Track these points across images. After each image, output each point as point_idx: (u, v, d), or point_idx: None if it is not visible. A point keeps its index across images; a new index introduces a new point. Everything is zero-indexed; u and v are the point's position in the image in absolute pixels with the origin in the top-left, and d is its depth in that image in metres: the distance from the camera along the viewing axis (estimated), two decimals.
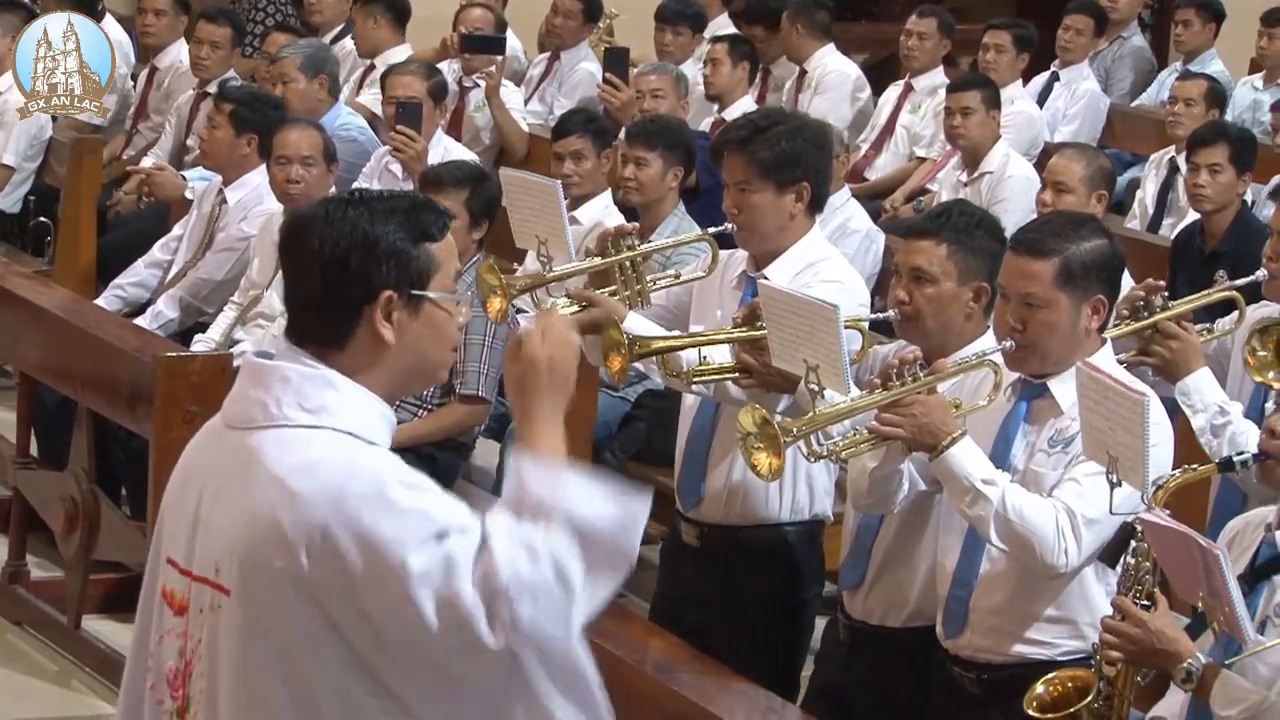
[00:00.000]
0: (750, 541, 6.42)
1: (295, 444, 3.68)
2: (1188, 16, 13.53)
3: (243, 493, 3.68)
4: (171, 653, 3.81)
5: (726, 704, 5.41)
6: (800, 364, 5.68)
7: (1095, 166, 8.55)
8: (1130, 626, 5.03)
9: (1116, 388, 5.15)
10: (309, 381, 3.73)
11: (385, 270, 3.76)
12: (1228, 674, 4.92)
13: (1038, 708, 5.16)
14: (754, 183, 6.30)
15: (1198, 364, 6.08)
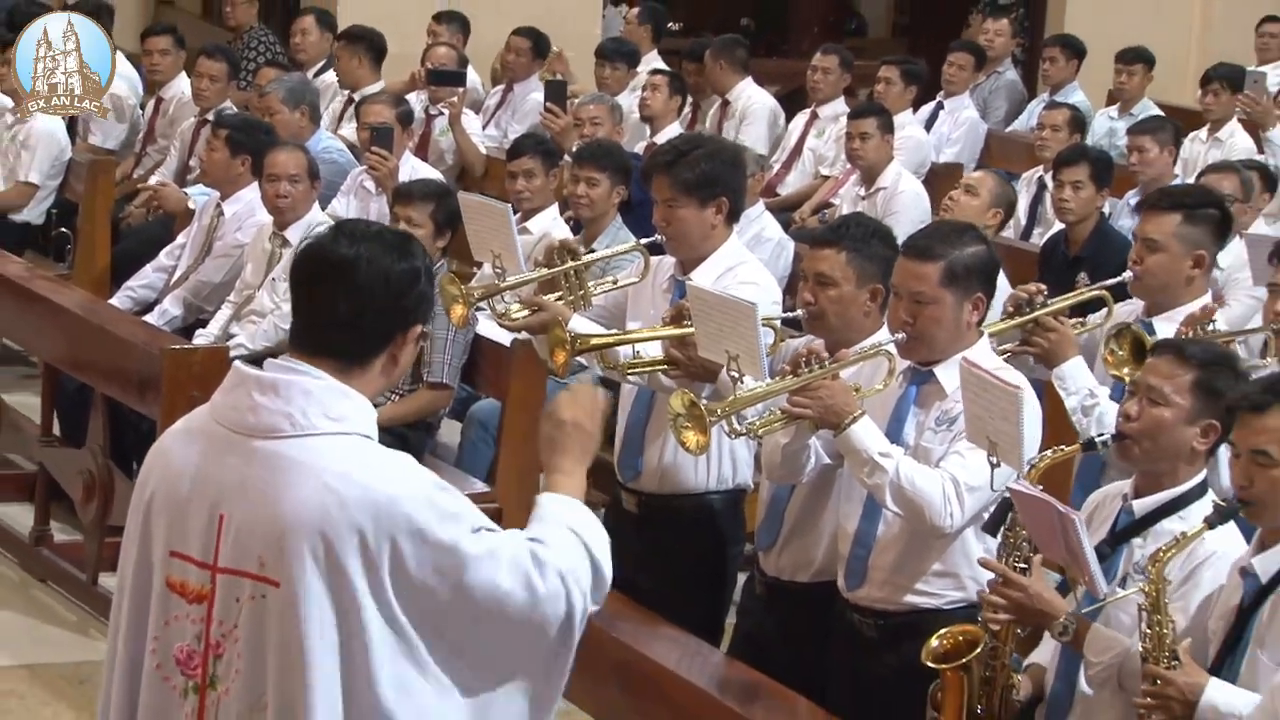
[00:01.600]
0: (681, 508, 6.43)
1: (331, 450, 3.67)
2: (1054, 54, 13.58)
3: (284, 494, 3.65)
4: (185, 636, 3.76)
5: (660, 649, 5.42)
6: (722, 354, 5.69)
7: (1004, 190, 8.59)
8: (1012, 591, 5.03)
9: (995, 383, 5.17)
10: (328, 393, 3.71)
11: (423, 308, 3.83)
12: (1098, 627, 4.94)
13: (933, 658, 5.15)
14: (679, 199, 6.31)
15: (1072, 353, 6.11)
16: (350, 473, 3.62)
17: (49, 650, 7.72)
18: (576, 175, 8.60)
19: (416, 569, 3.62)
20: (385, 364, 3.79)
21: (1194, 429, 5.00)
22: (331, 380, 3.72)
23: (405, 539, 3.61)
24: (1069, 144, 10.26)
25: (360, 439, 3.70)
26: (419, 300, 3.80)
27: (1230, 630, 4.72)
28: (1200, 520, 4.79)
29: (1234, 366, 5.19)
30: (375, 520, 3.60)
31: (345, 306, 3.75)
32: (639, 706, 5.43)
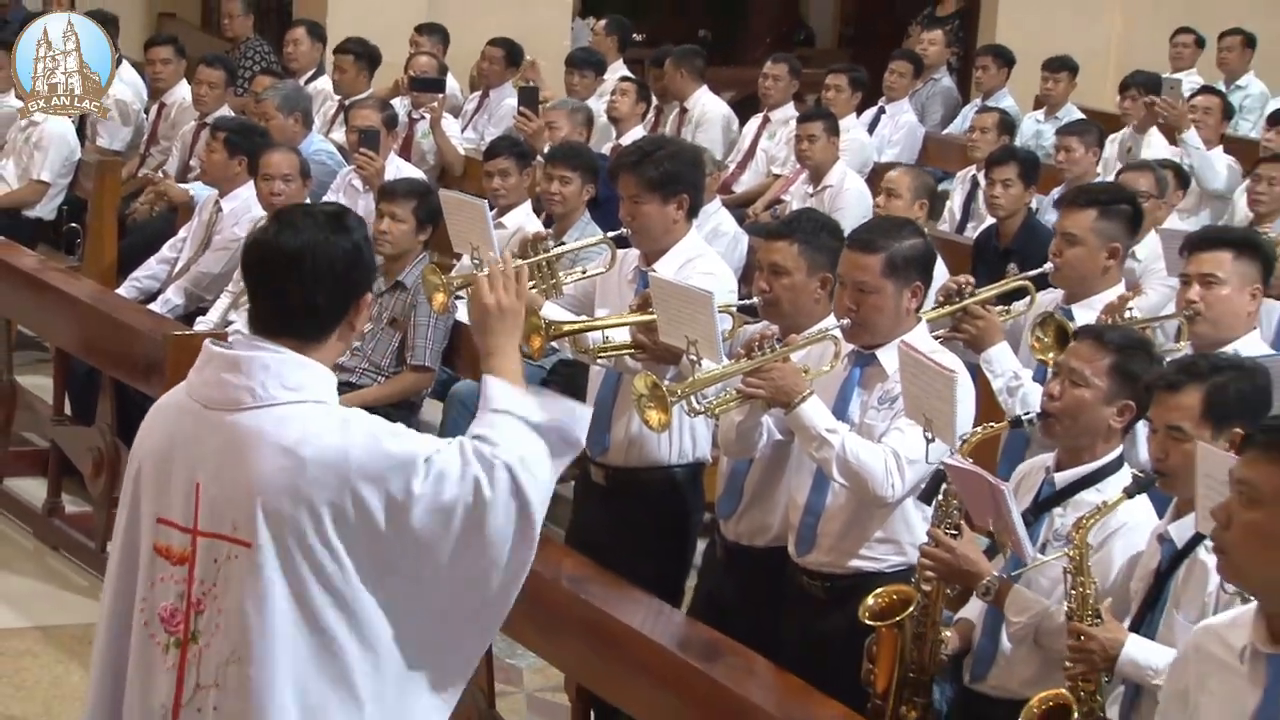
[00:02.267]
0: (646, 480, 6.44)
1: (290, 418, 3.70)
2: (985, 63, 13.59)
3: (249, 462, 3.69)
4: (168, 595, 3.78)
5: (626, 609, 5.41)
6: (683, 339, 5.69)
7: (921, 181, 8.62)
8: (943, 553, 5.07)
9: (931, 365, 5.19)
10: (286, 366, 3.74)
11: (368, 276, 3.85)
12: (1018, 588, 4.97)
13: (870, 615, 5.19)
14: (644, 196, 6.32)
15: (998, 339, 6.14)
16: (307, 438, 3.66)
17: (61, 613, 7.71)
18: (549, 174, 8.61)
19: (374, 514, 3.65)
20: (342, 331, 3.83)
21: (1111, 409, 5.03)
22: (289, 353, 3.75)
23: (362, 488, 3.64)
24: (999, 145, 10.28)
25: (315, 405, 3.73)
26: (363, 271, 3.85)
27: (1149, 592, 4.74)
28: (1118, 491, 4.83)
29: (1149, 351, 5.22)
30: (333, 477, 3.64)
31: (298, 296, 3.79)
32: (606, 663, 5.42)
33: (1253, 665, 3.66)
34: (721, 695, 4.92)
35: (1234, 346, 5.64)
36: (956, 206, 10.70)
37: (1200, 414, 4.69)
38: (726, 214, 9.70)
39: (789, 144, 11.33)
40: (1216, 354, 5.18)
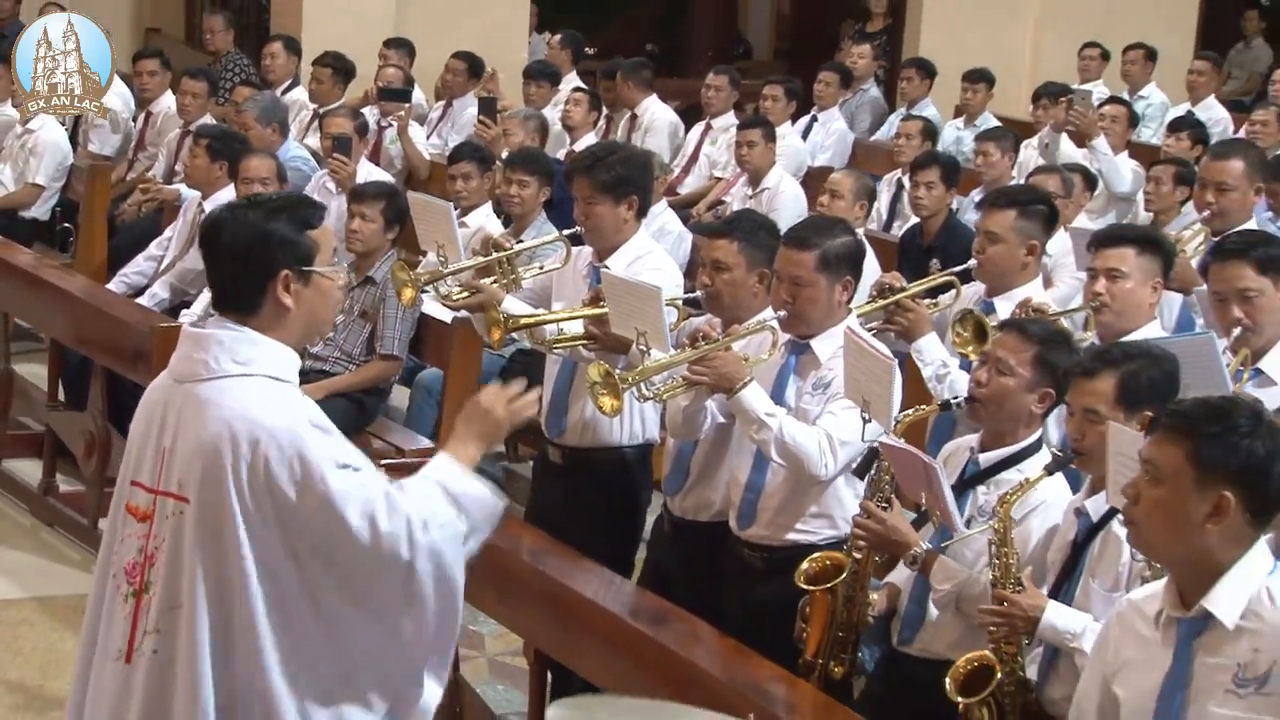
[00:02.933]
0: (599, 460, 6.42)
1: (233, 390, 3.77)
2: (910, 74, 13.59)
3: (197, 429, 3.76)
4: (131, 550, 3.87)
5: (580, 580, 5.41)
6: (633, 331, 5.72)
7: (861, 184, 8.62)
8: (874, 524, 5.07)
9: (873, 352, 5.22)
10: (237, 342, 3.80)
11: (280, 255, 3.83)
12: (943, 558, 4.98)
13: (805, 580, 5.20)
14: (596, 197, 6.32)
15: (927, 330, 6.17)
16: (246, 410, 3.73)
17: (55, 584, 7.70)
18: (508, 178, 8.60)
19: (288, 490, 3.71)
20: (273, 310, 3.85)
21: (1033, 396, 5.05)
22: (245, 332, 3.82)
23: (281, 465, 3.70)
24: (923, 150, 10.28)
25: (262, 379, 3.79)
26: (273, 250, 3.83)
27: (1066, 562, 4.75)
28: (1037, 470, 4.84)
29: (1068, 342, 5.26)
30: (259, 448, 3.70)
31: (215, 271, 3.91)
32: (563, 630, 5.42)
33: (1165, 629, 3.69)
34: (669, 658, 4.93)
35: (1136, 335, 5.65)
36: (883, 207, 10.70)
37: (1114, 398, 4.71)
38: (672, 214, 9.69)
39: (730, 149, 11.34)
40: (1129, 343, 5.19)
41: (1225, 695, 3.57)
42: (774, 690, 4.74)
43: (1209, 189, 7.56)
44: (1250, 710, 3.53)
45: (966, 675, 4.64)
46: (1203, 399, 3.85)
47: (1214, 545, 3.60)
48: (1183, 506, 3.59)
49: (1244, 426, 3.61)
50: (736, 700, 4.38)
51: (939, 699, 4.62)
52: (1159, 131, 12.31)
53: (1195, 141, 10.54)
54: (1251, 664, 3.55)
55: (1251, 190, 7.59)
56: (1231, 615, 3.58)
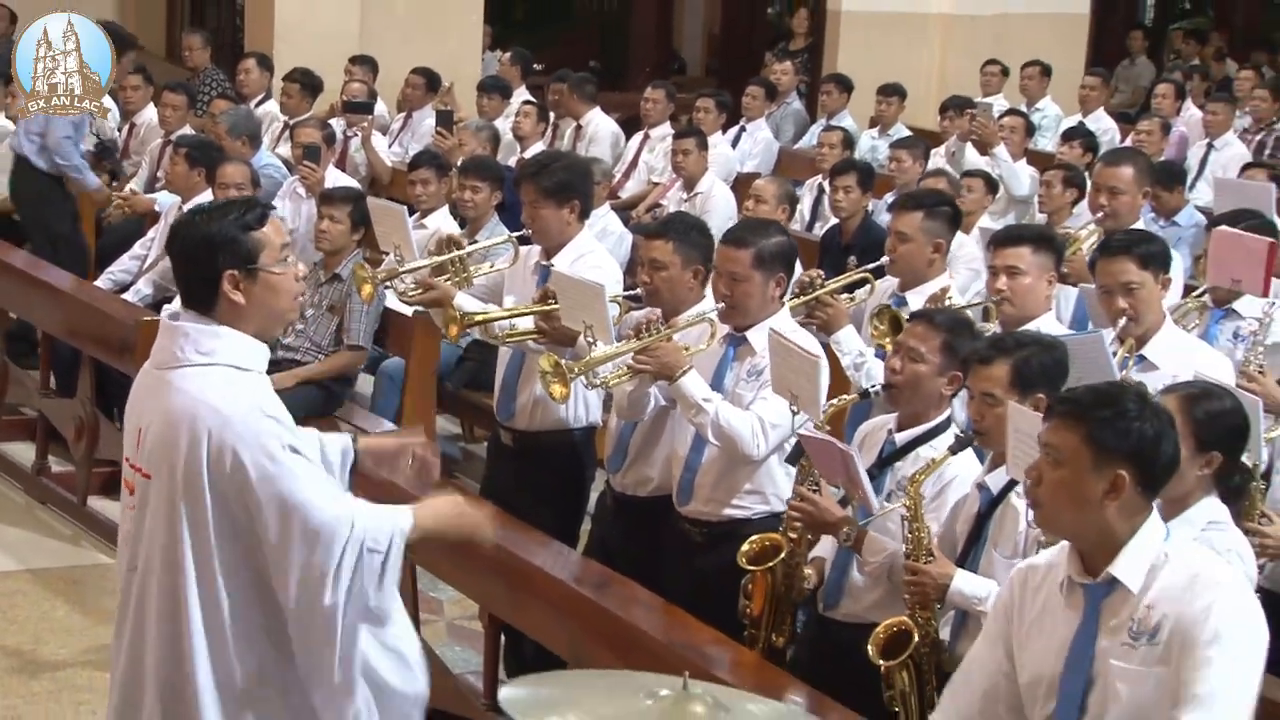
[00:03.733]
0: (547, 442, 6.40)
1: (196, 377, 3.78)
2: (829, 89, 13.60)
3: (162, 412, 3.79)
4: (127, 521, 3.92)
5: (531, 550, 5.40)
6: (580, 324, 5.71)
7: (784, 189, 8.59)
8: (807, 506, 5.07)
9: (797, 350, 5.24)
10: (202, 334, 3.81)
11: (223, 257, 3.82)
12: (872, 534, 4.98)
13: (747, 560, 5.20)
14: (542, 201, 6.32)
15: (845, 323, 6.19)
16: (205, 396, 3.74)
17: (48, 557, 7.65)
18: (463, 183, 8.56)
19: (239, 467, 3.70)
20: (228, 306, 3.84)
21: (943, 379, 5.06)
22: (209, 325, 3.83)
23: (235, 444, 3.70)
24: (841, 158, 10.28)
25: (223, 368, 3.80)
26: (217, 250, 3.82)
27: (970, 532, 4.76)
28: (945, 449, 4.85)
29: (971, 330, 5.27)
30: (216, 430, 3.70)
31: (177, 268, 3.96)
32: (515, 596, 5.41)
33: (1070, 593, 3.69)
34: (611, 621, 4.94)
35: (1034, 325, 5.67)
36: (806, 209, 10.70)
37: (1009, 383, 4.71)
38: (614, 216, 9.66)
39: (666, 157, 11.32)
40: (1022, 332, 5.23)
41: (1122, 648, 3.58)
42: (710, 651, 4.74)
43: (1102, 193, 7.60)
44: (1143, 660, 3.55)
45: (886, 639, 4.66)
46: (1093, 386, 3.87)
47: (1113, 519, 3.62)
48: (1082, 486, 3.61)
49: (1133, 410, 3.63)
50: (674, 660, 4.36)
51: (862, 659, 4.64)
52: (1053, 140, 12.37)
53: (1086, 149, 10.59)
54: (1145, 619, 3.57)
55: (1140, 194, 7.63)
56: (1136, 580, 3.60)
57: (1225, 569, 3.71)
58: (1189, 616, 3.51)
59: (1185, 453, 4.32)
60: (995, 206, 9.86)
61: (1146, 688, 3.53)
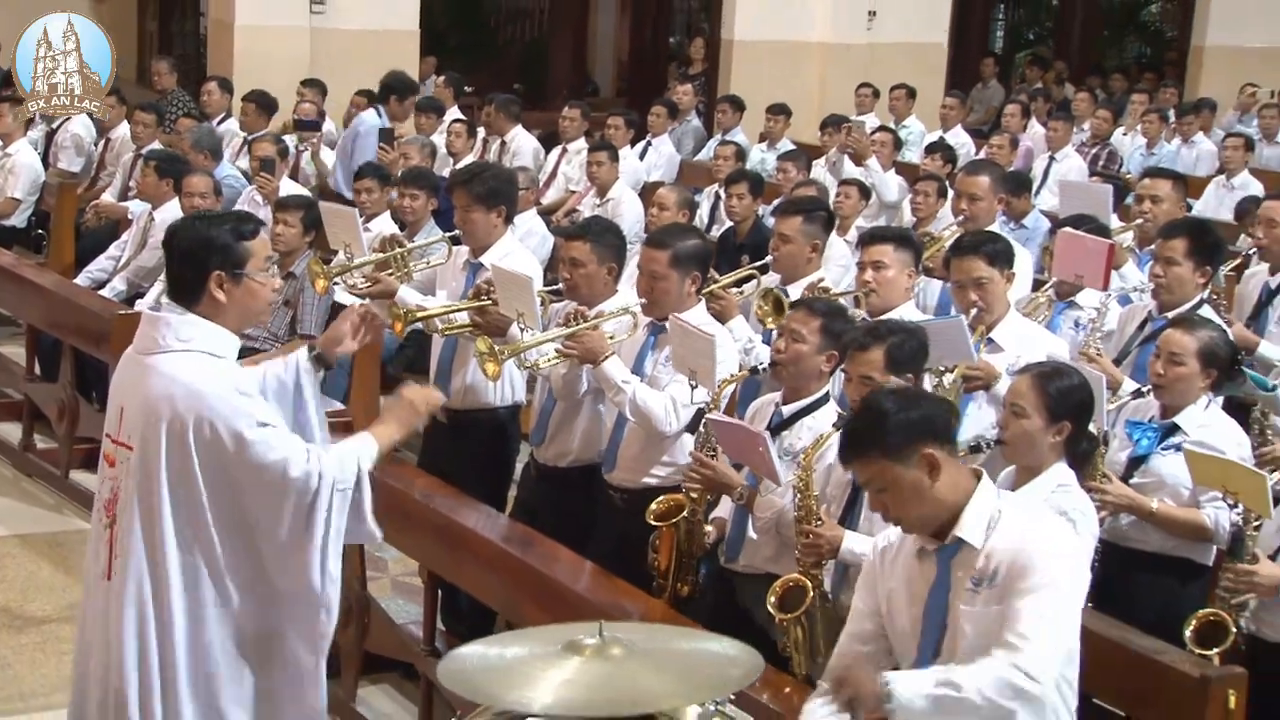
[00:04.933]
0: (477, 418, 6.35)
1: (175, 361, 3.79)
2: (724, 108, 13.63)
3: (144, 392, 3.78)
4: (106, 490, 3.89)
5: (464, 514, 5.40)
6: (514, 312, 5.71)
7: (683, 197, 8.58)
8: (705, 470, 5.07)
9: (695, 331, 5.26)
10: (182, 324, 3.82)
11: (214, 258, 3.84)
12: (762, 494, 4.98)
13: (655, 518, 5.21)
14: (472, 206, 6.29)
15: (735, 313, 6.20)
16: (183, 378, 3.76)
17: (33, 524, 7.57)
18: (402, 191, 8.50)
19: (215, 440, 3.73)
20: (210, 302, 3.85)
21: (821, 357, 5.06)
22: (188, 316, 3.84)
23: (210, 420, 3.72)
24: (734, 168, 10.28)
25: (199, 354, 3.80)
26: (211, 254, 3.85)
27: (848, 497, 4.76)
28: (828, 424, 4.85)
29: (845, 315, 5.29)
30: (193, 407, 3.72)
31: (170, 263, 3.95)
32: (450, 554, 5.38)
33: (924, 560, 3.71)
34: (535, 575, 4.92)
35: (896, 312, 5.70)
36: (704, 213, 10.68)
37: (883, 366, 4.74)
38: (538, 220, 9.61)
39: (581, 168, 11.29)
40: (892, 321, 5.24)
41: (967, 594, 3.61)
42: (622, 601, 4.72)
43: (963, 199, 7.67)
44: (984, 602, 3.57)
45: (784, 593, 4.67)
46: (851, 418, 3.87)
47: (946, 494, 3.64)
48: (909, 487, 3.61)
49: (892, 407, 3.65)
50: (590, 610, 4.34)
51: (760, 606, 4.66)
52: (918, 153, 12.43)
53: (946, 161, 10.68)
54: (984, 569, 3.59)
55: (995, 200, 7.70)
56: (978, 538, 3.61)
57: (1048, 520, 3.75)
58: (1019, 562, 3.54)
59: (1039, 423, 4.39)
60: (868, 211, 9.90)
61: (985, 624, 3.55)
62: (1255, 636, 4.62)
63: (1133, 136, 13.76)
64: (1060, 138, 12.46)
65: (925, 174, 9.76)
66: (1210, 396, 5.15)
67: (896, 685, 3.46)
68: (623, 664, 3.09)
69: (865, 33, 15.93)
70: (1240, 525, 4.63)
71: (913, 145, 13.31)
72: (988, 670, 3.44)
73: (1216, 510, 4.91)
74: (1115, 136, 13.58)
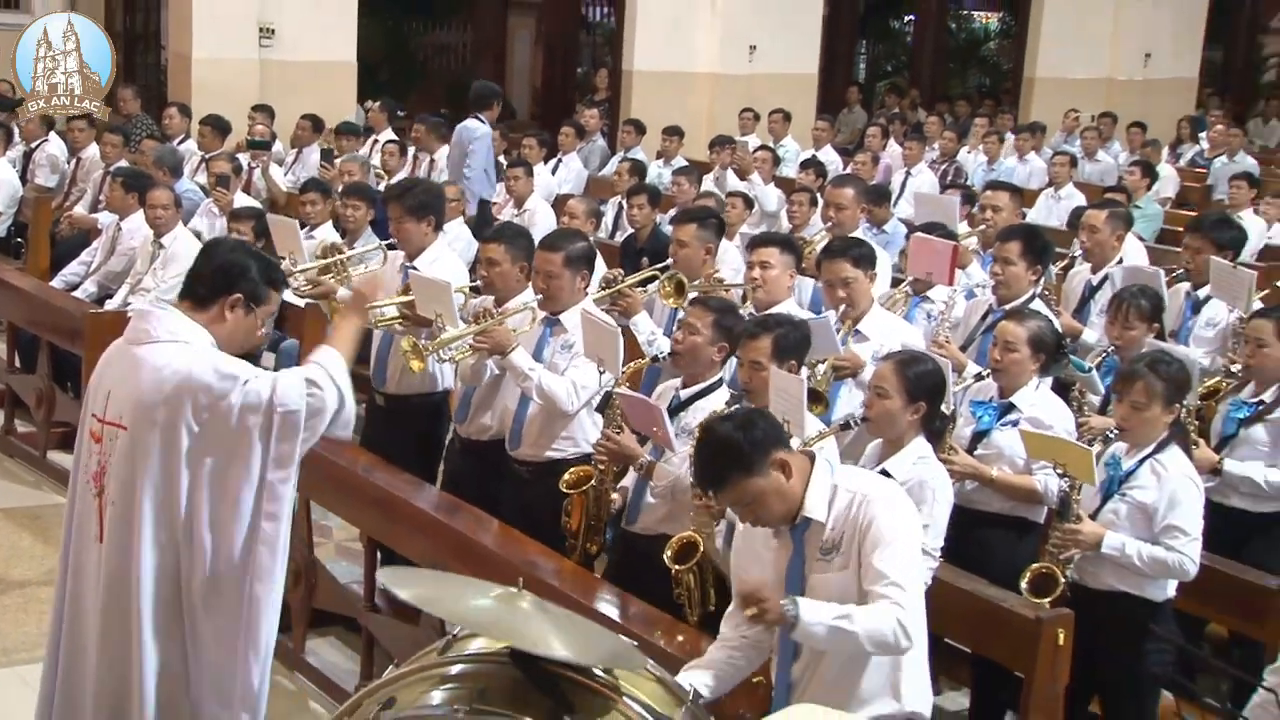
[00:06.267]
0: (412, 403, 6.31)
1: (165, 351, 3.72)
2: (627, 129, 13.58)
3: (137, 377, 3.70)
4: (93, 463, 3.80)
5: (399, 486, 5.37)
6: (432, 313, 5.64)
7: (590, 207, 8.54)
8: (611, 444, 5.06)
9: (603, 325, 5.25)
10: (169, 319, 3.78)
11: (242, 285, 3.83)
12: (660, 465, 4.98)
13: (567, 486, 5.19)
14: (405, 217, 6.26)
15: (640, 309, 6.19)
16: (170, 363, 3.70)
17: (15, 499, 7.44)
18: (343, 203, 8.38)
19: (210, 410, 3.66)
20: (215, 314, 3.82)
21: (714, 348, 5.07)
22: (175, 313, 3.80)
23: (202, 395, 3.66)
24: (635, 182, 10.29)
25: (183, 345, 3.74)
26: (237, 278, 3.84)
27: None
28: (721, 404, 4.86)
29: (735, 311, 5.29)
30: (183, 387, 3.66)
31: (203, 264, 3.90)
32: (387, 522, 5.34)
33: (780, 538, 3.71)
34: (461, 540, 4.89)
35: (780, 307, 5.72)
36: (609, 222, 10.66)
37: (771, 353, 4.77)
38: (465, 228, 9.56)
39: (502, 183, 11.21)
40: (778, 314, 5.26)
41: (818, 563, 3.62)
42: (538, 561, 4.71)
43: (830, 208, 7.71)
44: (834, 569, 3.59)
45: (678, 549, 4.67)
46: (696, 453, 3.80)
47: (797, 486, 3.64)
48: (774, 492, 3.60)
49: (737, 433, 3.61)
50: (510, 569, 4.32)
51: (656, 562, 4.66)
52: (794, 169, 12.50)
53: (818, 175, 10.73)
54: (830, 539, 3.61)
55: (858, 209, 7.75)
56: (821, 513, 3.62)
57: (874, 483, 3.73)
58: (860, 528, 3.56)
59: (899, 403, 4.42)
60: (751, 219, 9.93)
61: (840, 588, 3.56)
62: (1079, 584, 4.69)
63: (976, 155, 13.92)
64: (914, 156, 12.58)
65: (800, 187, 9.81)
66: (1039, 379, 5.22)
67: (802, 609, 3.46)
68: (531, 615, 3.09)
69: (747, 65, 15.97)
70: (1067, 490, 4.70)
71: (789, 162, 13.37)
72: (876, 618, 3.44)
73: (1047, 477, 4.98)
74: (961, 155, 13.74)
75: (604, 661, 3.11)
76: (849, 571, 3.56)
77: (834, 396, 5.46)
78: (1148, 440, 4.73)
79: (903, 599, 3.46)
